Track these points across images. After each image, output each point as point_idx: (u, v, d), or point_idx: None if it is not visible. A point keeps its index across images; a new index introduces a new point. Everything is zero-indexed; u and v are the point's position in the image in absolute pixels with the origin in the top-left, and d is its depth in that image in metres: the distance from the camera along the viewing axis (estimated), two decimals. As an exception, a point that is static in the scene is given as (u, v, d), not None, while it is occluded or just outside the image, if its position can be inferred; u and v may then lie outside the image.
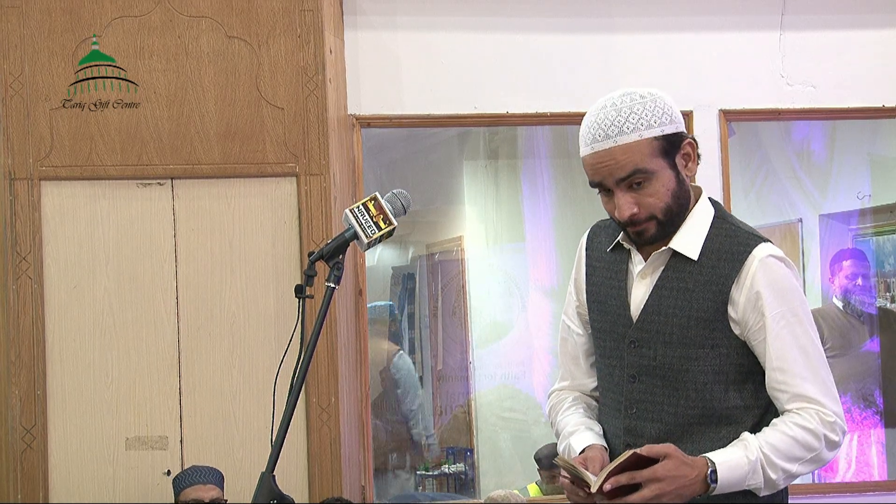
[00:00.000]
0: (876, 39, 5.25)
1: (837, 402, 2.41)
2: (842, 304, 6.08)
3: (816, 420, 2.37)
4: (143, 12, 4.50)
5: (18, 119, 4.42)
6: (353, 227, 2.56)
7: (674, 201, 2.48)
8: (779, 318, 2.40)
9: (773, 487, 2.39)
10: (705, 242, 2.48)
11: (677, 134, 2.49)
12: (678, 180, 2.50)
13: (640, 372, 2.49)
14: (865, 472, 6.04)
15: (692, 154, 2.54)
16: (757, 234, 2.50)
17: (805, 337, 2.41)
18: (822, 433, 2.37)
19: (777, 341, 2.40)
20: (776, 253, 2.45)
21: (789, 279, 2.43)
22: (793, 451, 2.37)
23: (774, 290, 2.40)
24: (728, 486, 2.35)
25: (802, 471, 2.40)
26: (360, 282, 4.89)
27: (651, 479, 2.29)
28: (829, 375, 2.42)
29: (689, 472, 2.32)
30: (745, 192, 6.47)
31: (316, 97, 4.53)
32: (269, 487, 2.38)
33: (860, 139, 6.24)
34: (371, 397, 5.04)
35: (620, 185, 2.45)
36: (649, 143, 2.45)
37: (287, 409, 2.41)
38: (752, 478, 2.36)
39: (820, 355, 2.42)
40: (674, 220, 2.48)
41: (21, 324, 4.36)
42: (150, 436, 4.42)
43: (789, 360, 2.40)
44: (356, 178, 4.89)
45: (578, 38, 5.11)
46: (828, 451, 2.39)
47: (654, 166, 2.45)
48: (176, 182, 4.51)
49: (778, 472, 2.37)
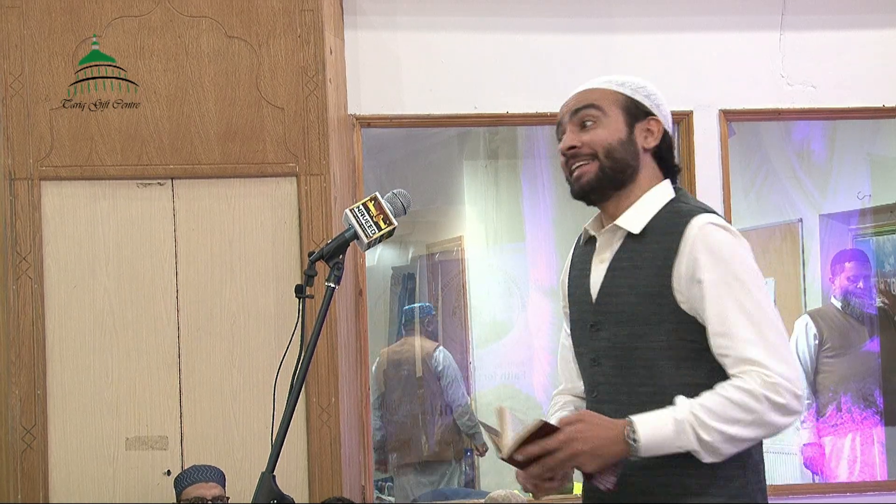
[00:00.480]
0: (876, 39, 5.25)
1: (788, 364, 2.31)
2: (840, 304, 6.08)
3: (757, 381, 2.28)
4: (143, 12, 4.50)
5: (18, 119, 4.42)
6: (354, 227, 2.56)
7: (618, 146, 2.51)
8: (718, 282, 2.35)
9: (712, 451, 2.29)
10: (652, 220, 2.48)
11: (647, 107, 2.55)
12: (629, 137, 2.53)
13: (599, 355, 2.50)
14: (866, 471, 6.04)
15: (655, 132, 2.55)
16: (703, 208, 2.48)
17: (749, 300, 2.34)
18: (761, 393, 2.27)
19: (716, 306, 2.35)
20: (716, 221, 2.42)
21: (729, 245, 2.39)
22: (727, 412, 2.27)
23: (712, 256, 2.37)
24: (654, 445, 2.30)
25: (746, 434, 2.29)
26: (360, 282, 4.89)
27: (564, 442, 2.29)
28: (779, 338, 2.33)
29: (604, 431, 2.31)
30: (745, 192, 6.47)
31: (316, 97, 4.53)
32: (269, 487, 2.38)
33: (860, 139, 6.24)
34: (416, 392, 5.07)
35: (573, 119, 2.53)
36: (614, 93, 2.54)
37: (287, 408, 2.42)
38: (681, 438, 2.29)
39: (768, 319, 2.34)
40: (615, 170, 2.51)
41: (21, 324, 4.36)
42: (150, 436, 4.42)
43: (730, 324, 2.33)
44: (356, 178, 4.89)
45: (578, 38, 5.11)
46: (774, 414, 2.28)
47: (609, 110, 2.52)
48: (176, 182, 4.51)
49: (712, 433, 2.27)
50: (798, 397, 2.30)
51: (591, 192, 2.53)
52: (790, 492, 5.26)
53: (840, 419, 6.19)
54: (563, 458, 2.30)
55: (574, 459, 2.31)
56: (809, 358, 6.04)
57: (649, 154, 2.55)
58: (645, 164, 2.55)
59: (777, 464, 6.39)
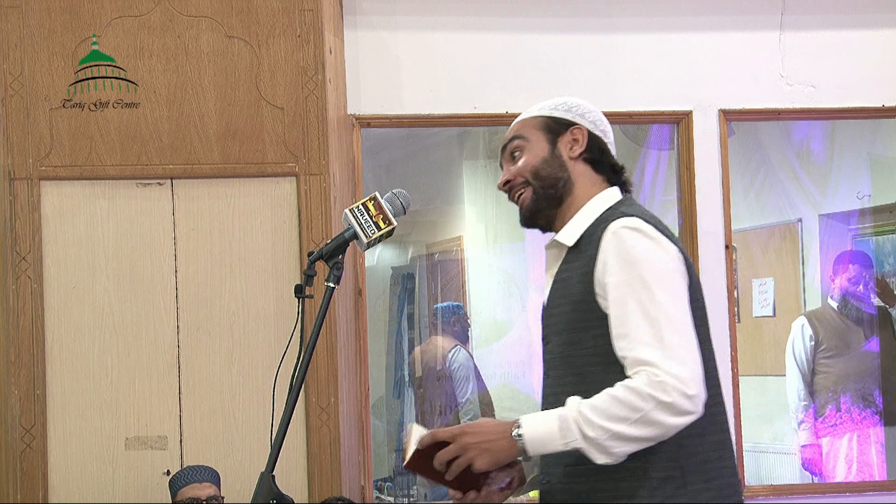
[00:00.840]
0: (876, 39, 5.25)
1: (684, 364, 2.28)
2: (837, 304, 6.07)
3: (644, 380, 2.27)
4: (143, 12, 4.50)
5: (18, 119, 4.42)
6: (353, 226, 2.56)
7: (542, 166, 2.58)
8: (622, 285, 2.36)
9: (600, 449, 2.28)
10: (586, 230, 2.52)
11: (568, 119, 2.62)
12: (552, 153, 2.60)
13: (548, 367, 2.55)
14: (865, 471, 6.04)
15: (580, 139, 2.61)
16: (626, 213, 2.48)
17: (651, 303, 2.33)
18: (646, 392, 2.25)
19: (619, 308, 2.36)
20: (630, 224, 2.42)
21: (639, 247, 2.39)
22: (612, 410, 2.27)
23: (620, 259, 2.38)
24: (538, 440, 2.32)
25: (633, 432, 2.27)
26: (360, 282, 4.89)
27: (456, 435, 2.35)
28: (680, 340, 2.31)
29: (493, 427, 2.36)
30: (745, 192, 6.47)
31: (316, 97, 4.53)
32: (269, 487, 2.38)
33: (860, 139, 6.24)
34: (416, 392, 5.06)
35: (505, 155, 2.65)
36: (534, 119, 2.65)
37: (287, 408, 2.42)
38: (566, 434, 2.29)
39: (669, 321, 2.32)
40: (547, 188, 2.57)
41: (21, 324, 4.36)
42: (149, 436, 4.42)
43: (629, 326, 2.33)
44: (356, 178, 4.89)
45: (578, 38, 5.10)
46: (661, 413, 2.26)
47: (532, 136, 2.62)
48: (176, 182, 4.51)
49: (597, 429, 2.27)
50: (689, 397, 2.27)
51: (533, 215, 2.61)
52: (790, 492, 5.26)
53: (839, 419, 6.19)
54: (454, 451, 2.34)
55: (465, 453, 2.34)
56: (806, 359, 6.04)
57: (580, 162, 2.60)
58: (578, 173, 2.59)
59: (777, 464, 6.40)
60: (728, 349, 5.09)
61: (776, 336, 6.58)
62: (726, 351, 5.08)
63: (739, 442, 5.05)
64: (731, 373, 5.08)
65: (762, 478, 6.27)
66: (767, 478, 6.32)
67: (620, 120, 5.34)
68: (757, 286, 6.74)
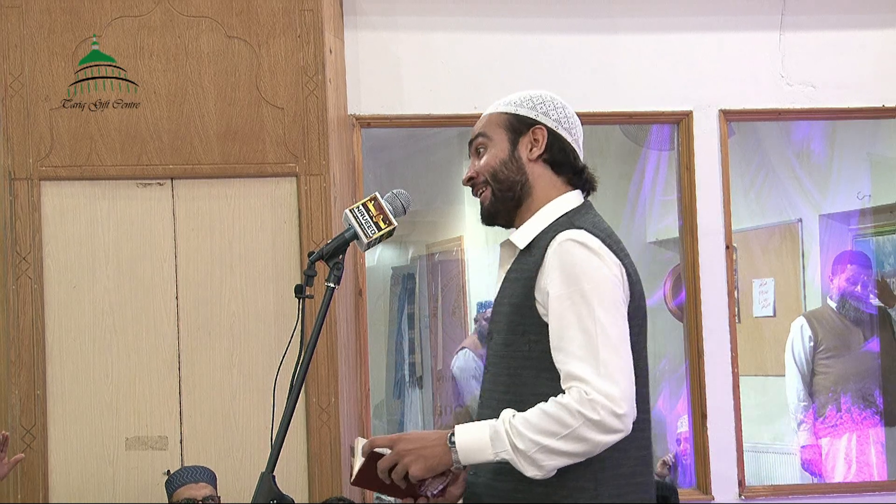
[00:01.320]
0: (876, 39, 5.25)
1: (615, 383, 2.32)
2: (836, 305, 6.07)
3: (575, 396, 2.31)
4: (143, 12, 4.50)
5: (18, 119, 4.42)
6: (353, 227, 2.56)
7: (500, 168, 2.59)
8: (563, 298, 2.39)
9: (531, 462, 2.33)
10: (539, 234, 2.54)
11: (530, 118, 2.61)
12: (512, 154, 2.60)
13: (488, 362, 2.59)
14: (865, 471, 6.04)
15: (540, 140, 2.60)
16: (576, 224, 2.50)
17: (589, 318, 2.36)
18: (576, 409, 2.30)
19: (558, 321, 2.39)
20: (576, 237, 2.44)
21: (582, 261, 2.41)
22: (542, 424, 2.32)
23: (562, 272, 2.41)
24: (470, 449, 2.36)
25: (562, 447, 2.32)
26: (360, 282, 4.89)
27: (393, 441, 2.40)
28: (614, 357, 2.35)
29: (430, 436, 2.41)
30: (745, 192, 6.47)
31: (316, 97, 4.53)
32: (269, 487, 2.38)
33: (860, 139, 6.24)
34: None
35: (471, 150, 2.67)
36: (498, 115, 2.65)
37: (287, 409, 2.42)
38: (498, 445, 2.34)
39: (605, 337, 2.35)
40: (504, 190, 2.59)
41: (21, 324, 4.36)
42: (149, 436, 4.42)
43: (566, 339, 2.37)
44: (356, 178, 4.89)
45: (578, 38, 5.11)
46: (590, 430, 2.30)
47: (494, 134, 2.63)
48: (176, 182, 4.51)
49: (526, 442, 2.32)
50: (618, 416, 2.31)
51: (492, 215, 2.63)
52: (790, 492, 5.26)
53: (839, 419, 6.18)
54: (392, 459, 2.38)
55: (401, 460, 2.38)
56: (805, 360, 6.04)
57: (539, 163, 2.60)
58: (536, 175, 2.59)
59: (777, 464, 6.39)
60: (728, 349, 5.09)
61: (776, 336, 6.58)
62: (726, 351, 5.09)
63: (740, 442, 5.06)
64: (732, 373, 5.08)
65: (762, 478, 6.27)
66: (767, 478, 6.31)
67: (620, 120, 5.35)
68: (757, 286, 6.74)
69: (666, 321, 6.38)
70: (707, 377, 5.06)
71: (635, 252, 6.62)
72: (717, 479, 5.03)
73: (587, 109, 5.10)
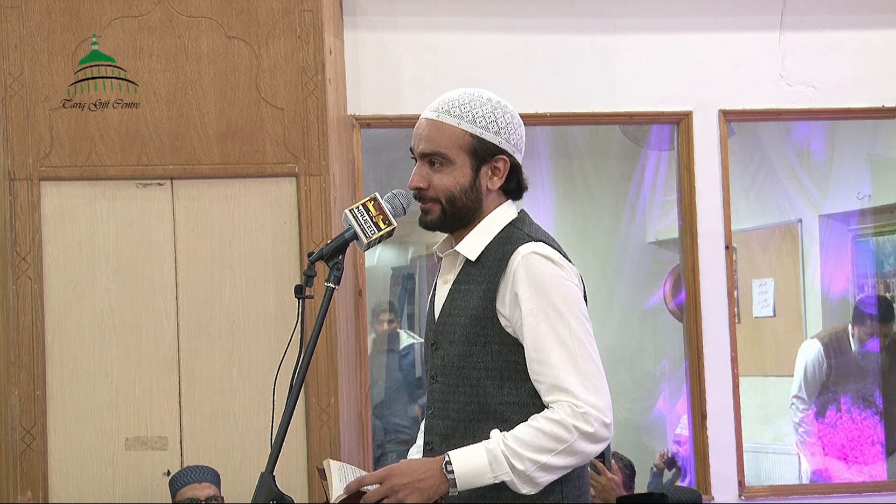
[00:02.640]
0: (876, 39, 5.25)
1: (599, 393, 2.39)
2: (855, 346, 6.08)
3: (567, 411, 2.36)
4: (143, 12, 4.50)
5: (18, 119, 4.42)
6: (353, 227, 2.56)
7: (460, 196, 2.56)
8: (537, 311, 2.42)
9: (528, 481, 2.37)
10: (488, 245, 2.54)
11: (494, 145, 2.56)
12: (473, 183, 2.57)
13: (437, 372, 2.57)
14: (865, 472, 6.04)
15: (501, 170, 2.57)
16: (532, 236, 2.51)
17: (564, 330, 2.41)
18: (571, 424, 2.35)
19: (533, 333, 2.42)
20: (540, 250, 2.47)
21: (550, 275, 2.45)
22: (538, 442, 2.36)
23: (532, 286, 2.43)
24: (470, 476, 2.37)
25: (558, 462, 2.37)
26: (360, 282, 4.89)
27: (382, 477, 2.38)
28: (591, 367, 2.41)
29: (422, 465, 2.40)
30: (745, 192, 6.47)
31: (316, 97, 4.53)
32: (269, 487, 2.38)
33: (860, 139, 6.24)
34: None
35: (423, 157, 2.60)
36: (462, 135, 2.55)
37: (287, 409, 2.41)
38: (497, 468, 2.36)
39: (582, 348, 2.41)
40: (457, 215, 2.57)
41: (21, 324, 4.36)
42: (149, 436, 4.42)
43: (545, 352, 2.41)
44: (356, 178, 4.89)
45: (578, 38, 5.11)
46: (584, 443, 2.37)
47: (456, 158, 2.56)
48: (176, 182, 4.51)
49: (525, 462, 2.35)
50: (607, 426, 2.38)
51: (434, 229, 2.63)
52: (790, 492, 5.26)
53: (840, 419, 6.19)
54: (383, 492, 2.37)
55: (395, 495, 2.37)
56: (816, 383, 6.05)
57: (495, 191, 2.58)
58: (490, 200, 2.59)
59: (777, 464, 6.39)
60: (728, 349, 5.09)
61: (776, 336, 6.58)
62: (726, 351, 5.09)
63: (739, 442, 5.06)
64: (732, 373, 5.08)
65: (762, 478, 6.27)
66: (767, 478, 6.31)
67: (620, 120, 5.35)
68: (757, 286, 6.74)
69: (666, 321, 6.38)
70: (707, 377, 5.06)
71: (635, 252, 6.67)
72: (717, 479, 5.03)
73: (587, 109, 5.12)
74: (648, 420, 6.52)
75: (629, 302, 6.64)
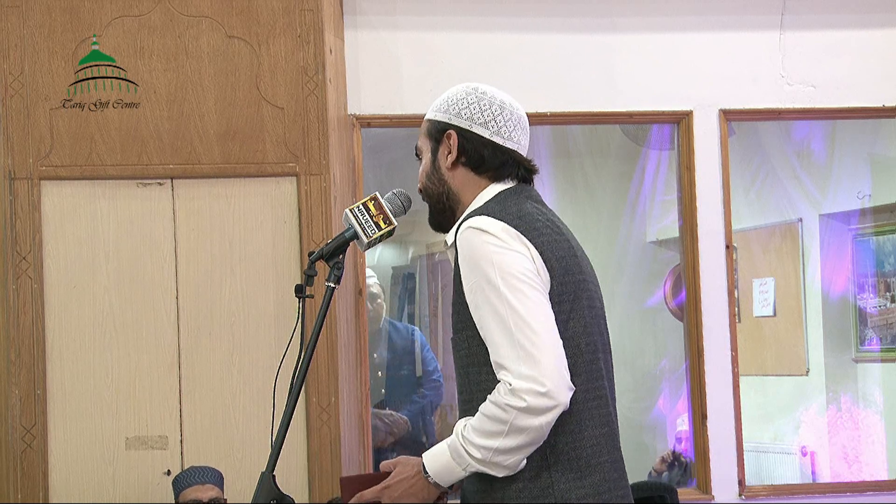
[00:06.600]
0: (876, 39, 5.25)
1: (535, 362, 2.30)
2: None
3: (501, 390, 2.31)
4: (143, 12, 4.50)
5: (18, 119, 4.42)
6: (353, 226, 2.56)
7: (427, 183, 2.59)
8: (475, 288, 2.38)
9: (495, 467, 2.35)
10: None
11: (444, 122, 2.56)
12: (433, 166, 2.59)
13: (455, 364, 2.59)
14: (865, 471, 6.04)
15: (452, 146, 2.56)
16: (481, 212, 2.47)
17: (499, 301, 2.34)
18: (504, 402, 2.30)
19: (477, 312, 2.39)
20: (475, 223, 2.42)
21: (480, 246, 2.39)
22: (486, 427, 2.33)
23: (466, 262, 2.41)
24: (444, 474, 2.39)
25: (511, 443, 2.32)
26: (360, 282, 4.89)
27: (378, 496, 2.43)
28: (529, 335, 2.32)
29: (407, 476, 2.42)
30: (745, 192, 6.47)
31: (316, 97, 4.53)
32: (269, 487, 2.38)
33: (860, 139, 6.24)
34: None
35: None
36: (426, 123, 2.62)
37: (287, 409, 2.42)
38: (461, 461, 2.37)
39: (516, 315, 2.33)
40: (437, 205, 2.59)
41: (21, 323, 4.36)
42: (149, 436, 4.42)
43: (487, 329, 2.37)
44: (356, 177, 4.90)
45: (578, 38, 5.11)
46: (524, 418, 2.29)
47: (423, 145, 2.62)
48: (176, 182, 4.51)
49: (480, 450, 2.34)
50: (543, 394, 2.29)
51: (435, 225, 2.63)
52: (790, 492, 5.26)
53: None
54: (377, 491, 2.43)
55: (389, 495, 2.42)
56: None
57: (458, 168, 2.56)
58: (458, 181, 2.57)
59: (777, 464, 6.40)
60: (728, 349, 5.09)
61: (777, 336, 6.59)
62: (726, 351, 5.09)
63: (740, 442, 5.06)
64: (732, 373, 5.08)
65: (762, 478, 6.27)
66: (767, 478, 6.32)
67: (620, 119, 5.35)
68: (757, 286, 6.74)
69: (666, 321, 6.38)
70: (707, 377, 5.06)
71: (636, 251, 6.67)
72: (717, 479, 5.03)
73: (587, 109, 5.12)
74: (649, 419, 6.52)
75: (629, 301, 6.64)
